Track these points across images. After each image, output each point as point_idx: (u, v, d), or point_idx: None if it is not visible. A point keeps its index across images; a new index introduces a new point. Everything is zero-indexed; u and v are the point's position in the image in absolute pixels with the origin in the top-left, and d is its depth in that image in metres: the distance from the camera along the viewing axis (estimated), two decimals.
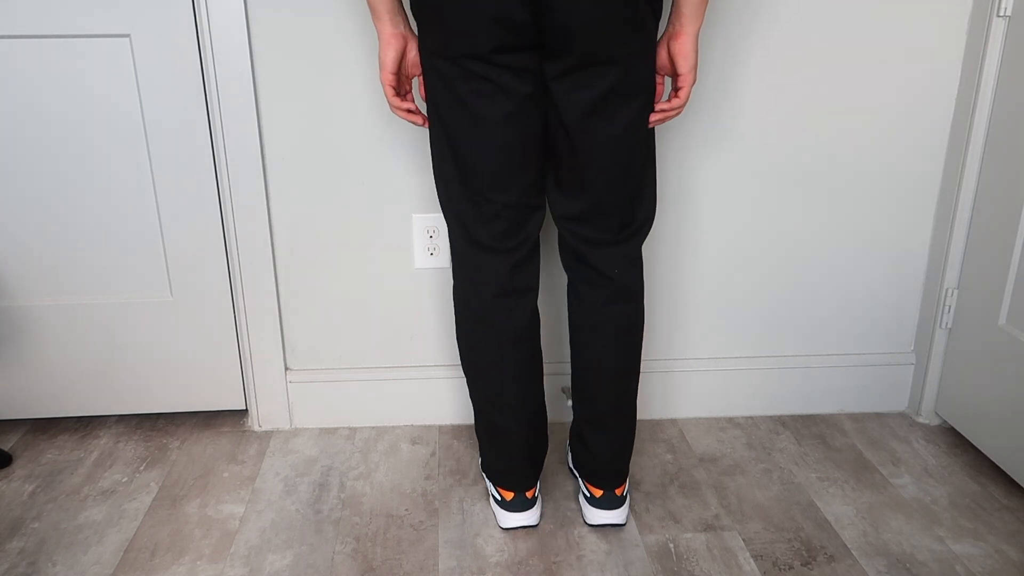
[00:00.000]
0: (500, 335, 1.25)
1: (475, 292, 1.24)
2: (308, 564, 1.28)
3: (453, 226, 1.23)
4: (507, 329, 1.24)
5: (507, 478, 1.34)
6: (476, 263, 1.23)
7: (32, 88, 1.43)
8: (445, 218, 1.25)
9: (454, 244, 1.25)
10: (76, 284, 1.57)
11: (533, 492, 1.34)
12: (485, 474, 1.41)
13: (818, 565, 1.27)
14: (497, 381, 1.28)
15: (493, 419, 1.31)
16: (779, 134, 1.52)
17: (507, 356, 1.26)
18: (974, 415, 1.55)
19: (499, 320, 1.24)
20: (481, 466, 1.43)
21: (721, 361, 1.68)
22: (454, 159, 1.17)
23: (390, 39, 1.14)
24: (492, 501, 1.39)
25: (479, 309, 1.25)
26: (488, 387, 1.29)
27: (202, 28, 1.39)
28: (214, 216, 1.54)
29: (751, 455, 1.57)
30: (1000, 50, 1.44)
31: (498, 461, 1.34)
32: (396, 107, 1.19)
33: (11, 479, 1.49)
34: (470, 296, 1.25)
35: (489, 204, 1.18)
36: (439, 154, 1.19)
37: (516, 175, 1.16)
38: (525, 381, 1.28)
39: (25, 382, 1.63)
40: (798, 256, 1.62)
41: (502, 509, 1.35)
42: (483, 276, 1.23)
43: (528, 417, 1.30)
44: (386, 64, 1.15)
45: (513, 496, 1.34)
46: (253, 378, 1.63)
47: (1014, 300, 1.44)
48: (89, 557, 1.29)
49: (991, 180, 1.48)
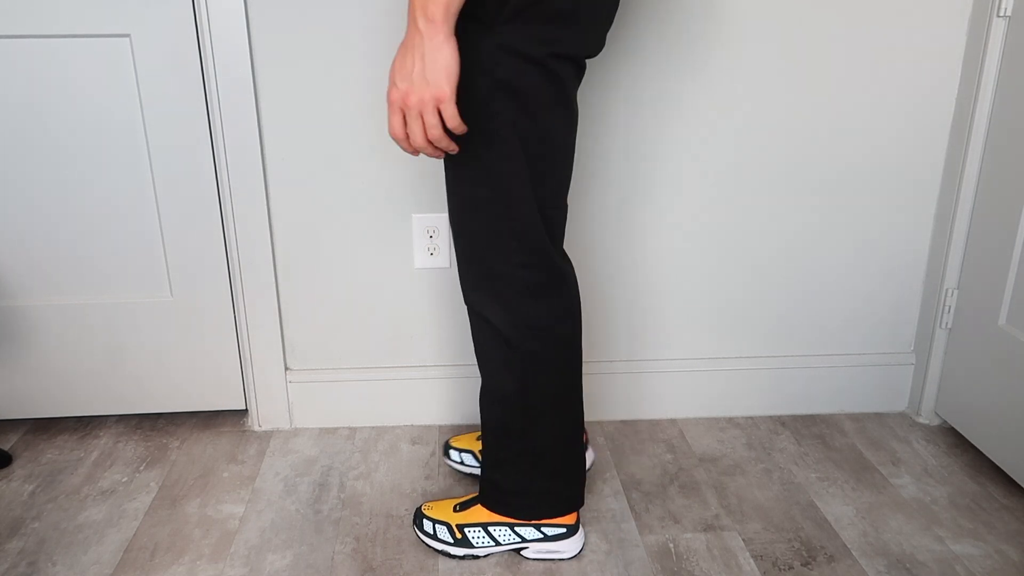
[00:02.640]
0: (578, 352, 1.19)
1: (570, 315, 1.15)
2: (308, 564, 1.28)
3: (532, 255, 1.09)
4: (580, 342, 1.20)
5: (576, 498, 1.26)
6: (568, 280, 1.14)
7: (32, 88, 1.43)
8: (509, 260, 1.08)
9: (532, 276, 1.10)
10: (76, 284, 1.57)
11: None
12: (541, 517, 1.26)
13: (818, 565, 1.27)
14: (579, 402, 1.22)
15: (575, 444, 1.22)
16: (780, 135, 1.52)
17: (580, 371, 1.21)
18: (974, 415, 1.55)
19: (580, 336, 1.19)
20: (532, 515, 1.26)
21: (721, 361, 1.68)
22: (540, 169, 1.05)
23: (450, 36, 0.92)
24: (546, 545, 1.27)
25: (572, 332, 1.15)
26: (575, 411, 1.21)
27: (202, 28, 1.39)
28: (214, 216, 1.54)
29: (751, 455, 1.57)
30: (1000, 50, 1.44)
31: (573, 485, 1.24)
32: (455, 128, 0.97)
33: (11, 479, 1.49)
34: (564, 321, 1.14)
35: (563, 211, 1.14)
36: (509, 181, 1.04)
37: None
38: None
39: (25, 382, 1.63)
40: (798, 256, 1.62)
41: (569, 537, 1.27)
42: (574, 291, 1.15)
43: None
44: (453, 72, 0.93)
45: (576, 515, 1.28)
46: (253, 378, 1.63)
47: (1014, 300, 1.44)
48: (89, 557, 1.29)
49: (991, 180, 1.48)
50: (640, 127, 1.50)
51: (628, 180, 1.53)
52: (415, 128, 0.96)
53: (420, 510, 1.32)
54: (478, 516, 1.28)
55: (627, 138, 1.50)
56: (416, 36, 0.91)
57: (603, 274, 1.60)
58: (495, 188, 1.05)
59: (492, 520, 1.27)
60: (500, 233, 1.08)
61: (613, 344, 1.65)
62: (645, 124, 1.50)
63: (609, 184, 1.53)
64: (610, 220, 1.56)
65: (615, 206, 1.55)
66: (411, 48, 0.92)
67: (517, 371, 1.15)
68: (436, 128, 0.95)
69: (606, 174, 1.53)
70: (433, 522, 1.29)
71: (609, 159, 1.52)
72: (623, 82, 1.47)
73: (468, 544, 1.27)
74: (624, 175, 1.53)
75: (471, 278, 1.13)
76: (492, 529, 1.27)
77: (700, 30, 1.44)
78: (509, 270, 1.10)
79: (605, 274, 1.60)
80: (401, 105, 0.95)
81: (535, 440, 1.20)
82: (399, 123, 0.97)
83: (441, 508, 1.31)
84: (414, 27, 0.91)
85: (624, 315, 1.63)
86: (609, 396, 1.67)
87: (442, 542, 1.28)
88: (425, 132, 0.96)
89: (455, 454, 1.49)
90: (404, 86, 0.94)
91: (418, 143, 0.97)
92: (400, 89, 0.94)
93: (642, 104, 1.48)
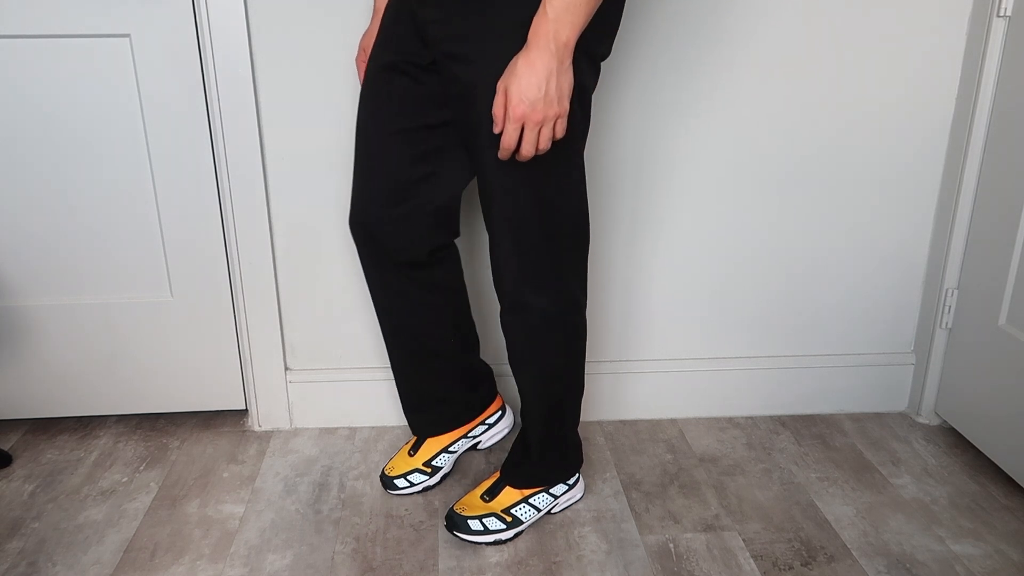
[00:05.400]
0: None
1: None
2: (308, 564, 1.28)
3: (584, 237, 1.20)
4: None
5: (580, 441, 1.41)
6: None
7: (32, 88, 1.43)
8: (577, 245, 1.19)
9: (583, 256, 1.22)
10: (76, 284, 1.57)
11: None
12: (579, 469, 1.40)
13: (818, 565, 1.27)
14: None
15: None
16: (780, 135, 1.52)
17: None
18: (974, 415, 1.55)
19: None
20: (575, 470, 1.40)
21: (721, 361, 1.68)
22: (583, 158, 1.19)
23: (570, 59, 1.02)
24: (568, 494, 1.39)
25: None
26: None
27: (202, 28, 1.39)
28: (214, 216, 1.54)
29: (751, 455, 1.57)
30: (1000, 50, 1.44)
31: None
32: (559, 136, 1.09)
33: (11, 479, 1.49)
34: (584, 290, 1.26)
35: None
36: (579, 183, 1.16)
37: None
38: None
39: (25, 382, 1.63)
40: (798, 256, 1.62)
41: (580, 480, 1.41)
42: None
43: None
44: (572, 91, 1.05)
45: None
46: (253, 378, 1.63)
47: (1014, 300, 1.44)
48: (89, 557, 1.29)
49: (991, 180, 1.48)
50: (639, 127, 1.50)
51: (631, 181, 1.53)
52: (531, 139, 1.02)
53: (457, 514, 1.32)
54: (514, 495, 1.35)
55: (625, 139, 1.50)
56: (547, 58, 0.99)
57: (603, 274, 1.60)
58: (571, 177, 1.14)
59: (531, 491, 1.36)
60: (576, 221, 1.17)
61: (613, 344, 1.65)
62: (645, 124, 1.50)
63: (611, 186, 1.54)
64: (610, 220, 1.56)
65: (617, 206, 1.55)
66: (540, 69, 0.99)
67: (564, 346, 1.25)
68: (549, 140, 1.03)
69: (606, 175, 1.53)
70: (479, 519, 1.31)
71: (608, 159, 1.52)
72: (623, 81, 1.47)
73: (519, 522, 1.34)
74: (626, 176, 1.53)
75: (529, 271, 1.17)
76: (533, 499, 1.36)
77: (700, 30, 1.44)
78: (573, 255, 1.19)
79: (605, 274, 1.60)
80: (524, 120, 1.01)
81: (578, 402, 1.33)
82: (516, 134, 1.02)
83: (474, 503, 1.35)
84: (546, 50, 0.98)
85: (624, 315, 1.63)
86: (609, 396, 1.67)
87: (495, 532, 1.31)
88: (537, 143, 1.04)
89: (401, 482, 1.44)
90: (532, 103, 1.00)
91: (528, 152, 1.03)
92: (527, 105, 1.00)
93: (641, 104, 1.48)
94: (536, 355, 1.25)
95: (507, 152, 1.04)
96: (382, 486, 1.46)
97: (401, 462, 1.47)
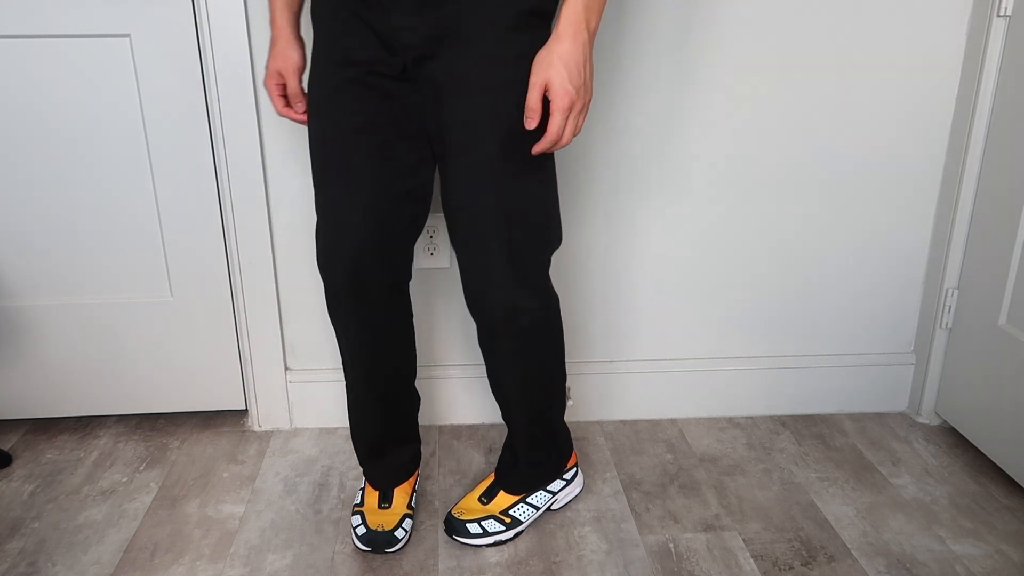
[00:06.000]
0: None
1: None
2: (308, 564, 1.28)
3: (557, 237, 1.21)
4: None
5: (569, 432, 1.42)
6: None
7: (32, 88, 1.43)
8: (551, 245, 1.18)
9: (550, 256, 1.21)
10: (76, 284, 1.57)
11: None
12: (569, 459, 1.40)
13: (818, 565, 1.27)
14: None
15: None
16: (779, 135, 1.52)
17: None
18: (974, 415, 1.55)
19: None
20: (565, 463, 1.39)
21: (721, 361, 1.68)
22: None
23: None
24: (567, 488, 1.39)
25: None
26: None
27: (202, 28, 1.39)
28: (214, 216, 1.54)
29: (751, 455, 1.57)
30: (1000, 50, 1.44)
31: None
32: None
33: (11, 479, 1.49)
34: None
35: None
36: (554, 174, 1.17)
37: None
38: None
39: (25, 382, 1.63)
40: (798, 256, 1.62)
41: (578, 472, 1.42)
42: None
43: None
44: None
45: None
46: (253, 378, 1.63)
47: (1014, 300, 1.44)
48: (89, 557, 1.29)
49: (991, 180, 1.48)
50: (639, 128, 1.50)
51: (625, 180, 1.53)
52: (573, 127, 1.03)
53: (455, 518, 1.32)
54: (511, 497, 1.34)
55: (631, 141, 1.50)
56: (581, 46, 1.00)
57: (602, 274, 1.60)
58: (547, 169, 1.14)
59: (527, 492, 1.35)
60: (556, 215, 1.17)
61: (613, 344, 1.65)
62: (644, 125, 1.50)
63: (614, 187, 1.53)
64: (609, 220, 1.56)
65: (613, 205, 1.55)
66: (579, 57, 1.00)
67: (550, 346, 1.25)
68: (582, 126, 1.07)
69: (606, 175, 1.53)
70: (477, 522, 1.31)
71: (610, 160, 1.52)
72: (620, 83, 1.47)
73: (518, 523, 1.33)
74: (623, 175, 1.53)
75: (522, 275, 1.15)
76: (531, 498, 1.35)
77: (699, 30, 1.44)
78: (548, 252, 1.18)
79: (604, 274, 1.60)
80: (571, 109, 1.01)
81: (563, 393, 1.33)
82: (564, 124, 1.02)
83: (472, 507, 1.34)
84: (579, 38, 1.00)
85: (624, 315, 1.63)
86: (609, 396, 1.67)
87: (494, 535, 1.31)
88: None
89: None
90: (576, 91, 1.01)
91: (568, 141, 1.04)
92: (572, 93, 1.00)
93: (639, 104, 1.48)
94: (527, 359, 1.22)
95: (552, 144, 1.03)
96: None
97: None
